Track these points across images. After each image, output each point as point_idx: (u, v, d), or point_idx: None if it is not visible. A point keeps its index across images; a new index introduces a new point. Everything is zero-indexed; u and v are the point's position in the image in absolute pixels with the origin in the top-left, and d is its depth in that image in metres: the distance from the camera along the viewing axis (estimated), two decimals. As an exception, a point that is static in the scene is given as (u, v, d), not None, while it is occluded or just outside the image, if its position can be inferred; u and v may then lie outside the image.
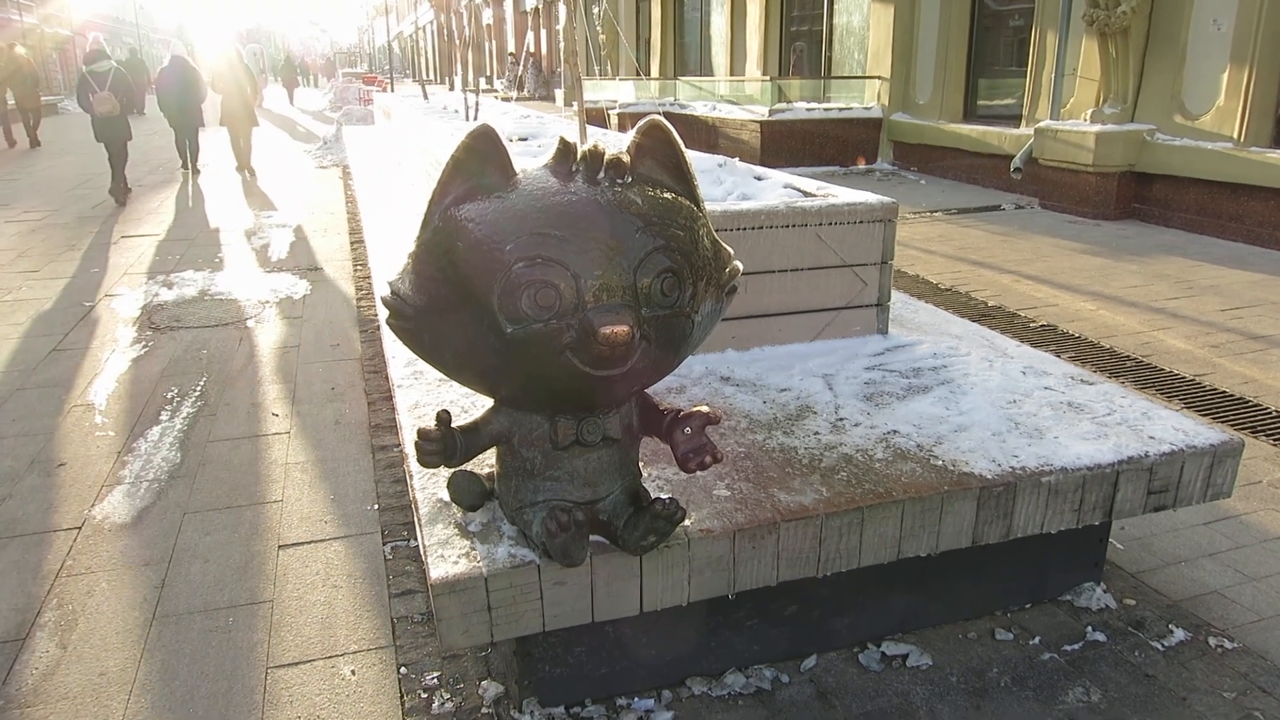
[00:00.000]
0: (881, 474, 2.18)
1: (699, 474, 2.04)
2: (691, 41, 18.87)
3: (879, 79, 11.89)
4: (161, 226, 8.35)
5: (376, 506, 3.06)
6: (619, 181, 1.61)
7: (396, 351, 2.85)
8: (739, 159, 3.88)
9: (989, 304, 5.55)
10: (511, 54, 32.60)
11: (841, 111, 12.10)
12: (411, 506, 2.25)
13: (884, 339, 3.16)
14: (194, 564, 2.73)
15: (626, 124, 13.82)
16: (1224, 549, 2.79)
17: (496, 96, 22.56)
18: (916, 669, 2.24)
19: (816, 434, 2.40)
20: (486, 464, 2.03)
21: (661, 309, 1.60)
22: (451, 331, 1.65)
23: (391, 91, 19.40)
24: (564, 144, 1.61)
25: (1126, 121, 8.25)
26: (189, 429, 3.72)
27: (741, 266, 1.83)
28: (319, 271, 6.53)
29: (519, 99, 25.03)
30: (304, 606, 2.52)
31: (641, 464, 1.99)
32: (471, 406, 2.42)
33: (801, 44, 14.37)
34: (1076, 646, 2.31)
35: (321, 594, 2.57)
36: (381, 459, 3.41)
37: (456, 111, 8.37)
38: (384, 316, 1.75)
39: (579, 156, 1.61)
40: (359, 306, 5.57)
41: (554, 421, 1.76)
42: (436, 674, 2.23)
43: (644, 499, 1.87)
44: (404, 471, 2.96)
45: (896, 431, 2.41)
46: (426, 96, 12.18)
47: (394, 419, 3.48)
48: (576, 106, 4.31)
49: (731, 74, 15.98)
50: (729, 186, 3.45)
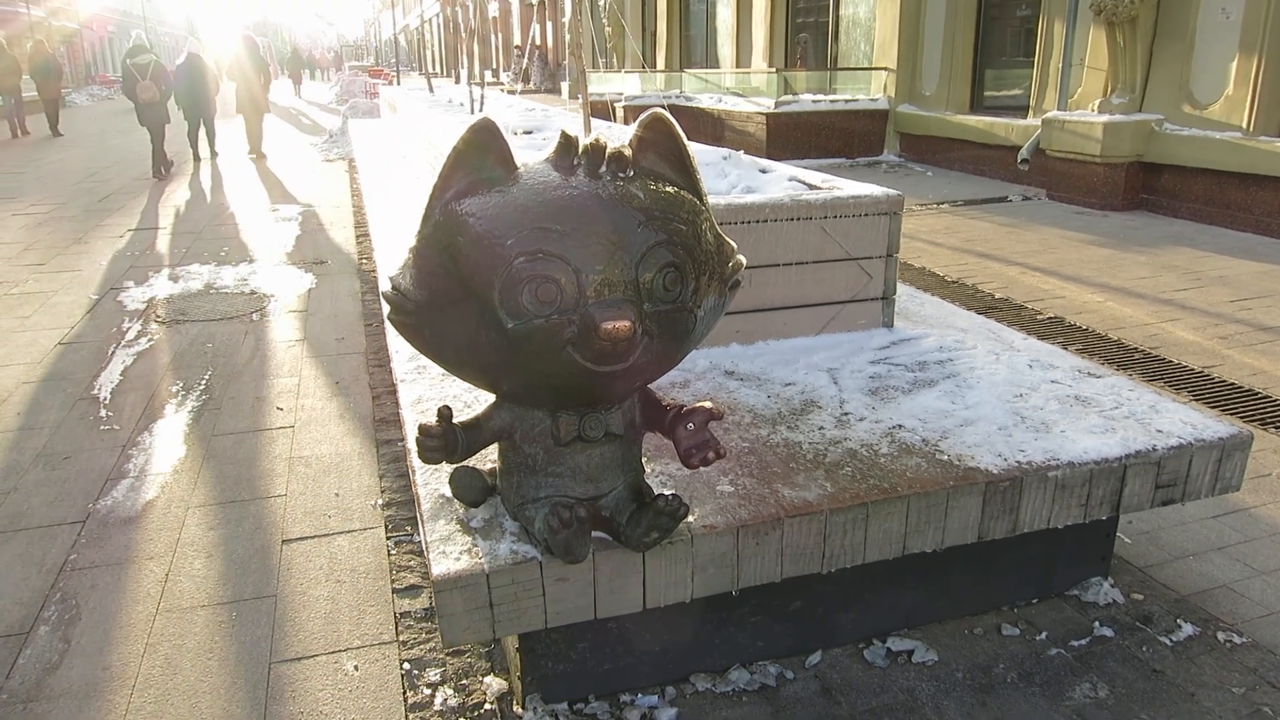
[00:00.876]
0: (887, 469, 2.16)
1: (702, 470, 2.03)
2: (697, 34, 18.83)
3: (885, 70, 11.83)
4: (168, 220, 8.36)
5: (380, 501, 3.06)
6: (621, 175, 1.60)
7: (400, 346, 2.85)
8: (744, 152, 3.85)
9: (995, 296, 5.52)
10: (517, 47, 32.53)
11: (848, 103, 12.04)
12: (414, 502, 2.24)
13: (889, 332, 3.14)
14: (198, 558, 2.73)
15: (632, 117, 13.71)
16: (1233, 543, 2.77)
17: (502, 89, 22.52)
18: (922, 665, 2.22)
19: (821, 429, 2.38)
20: (489, 460, 2.02)
21: (664, 304, 1.58)
22: (453, 327, 1.63)
23: (397, 85, 19.38)
24: (565, 138, 1.60)
25: (1134, 111, 8.20)
26: (194, 423, 3.72)
27: (745, 260, 1.82)
28: (324, 265, 6.53)
29: (524, 92, 24.99)
30: (307, 602, 2.52)
31: (644, 459, 1.98)
32: (474, 402, 2.41)
33: (805, 35, 14.30)
34: (1084, 642, 2.30)
35: (325, 589, 2.57)
36: (385, 454, 3.41)
37: (462, 105, 8.35)
38: (385, 311, 1.74)
39: (580, 150, 1.59)
40: (364, 300, 5.57)
41: (556, 417, 1.75)
42: (440, 670, 2.23)
43: (647, 495, 1.86)
44: (407, 467, 2.96)
45: (902, 426, 2.39)
46: (432, 90, 12.16)
47: (398, 414, 3.48)
48: (581, 99, 4.29)
49: (737, 66, 15.94)
50: (734, 179, 3.43)
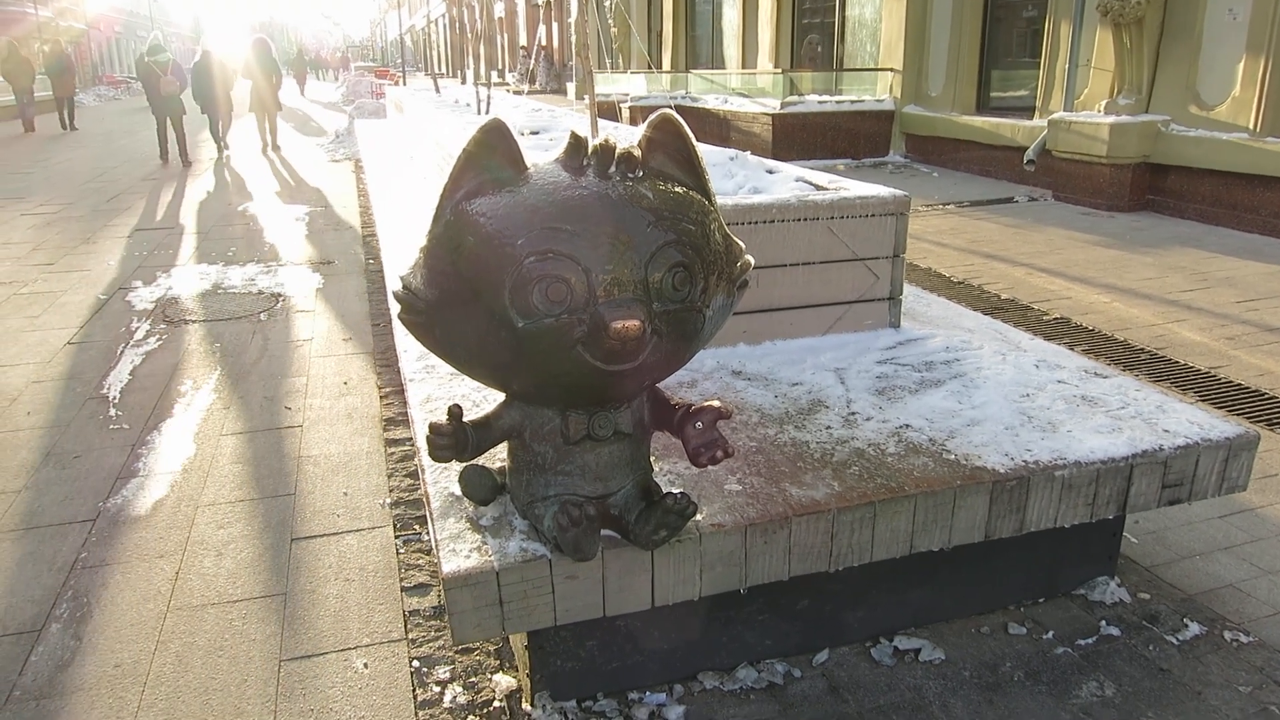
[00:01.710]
0: (894, 468, 2.17)
1: (710, 469, 2.04)
2: (703, 34, 18.84)
3: (891, 71, 11.82)
4: (175, 220, 8.39)
5: (389, 500, 3.07)
6: (630, 176, 1.61)
7: (408, 345, 2.86)
8: (751, 152, 3.86)
9: (1002, 297, 5.52)
10: (523, 47, 32.58)
11: (854, 104, 12.04)
12: (424, 500, 2.25)
13: (896, 332, 3.14)
14: (208, 556, 2.75)
15: (638, 117, 13.78)
16: (1239, 542, 2.77)
17: (508, 90, 22.56)
18: (929, 663, 2.23)
19: (828, 428, 2.39)
20: (498, 458, 2.03)
21: (673, 304, 1.59)
22: (463, 326, 1.64)
23: (404, 85, 19.41)
24: (575, 138, 1.61)
25: (1141, 112, 8.18)
26: (203, 422, 3.74)
27: (753, 260, 1.83)
28: (331, 265, 6.55)
29: (530, 92, 25.02)
30: (317, 600, 2.53)
31: (653, 458, 1.99)
32: (483, 401, 2.42)
33: (816, 36, 14.30)
34: (1090, 641, 2.30)
35: (334, 587, 2.59)
36: (394, 453, 3.42)
37: (468, 105, 8.37)
38: (395, 311, 1.75)
39: (590, 150, 1.60)
40: (371, 300, 5.58)
41: (565, 416, 1.76)
42: (449, 667, 2.24)
43: (655, 493, 1.87)
44: (416, 465, 2.97)
45: (909, 425, 2.40)
46: (439, 90, 12.18)
47: (406, 413, 3.49)
48: (588, 100, 4.31)
49: (743, 67, 15.94)
50: (740, 180, 3.44)
